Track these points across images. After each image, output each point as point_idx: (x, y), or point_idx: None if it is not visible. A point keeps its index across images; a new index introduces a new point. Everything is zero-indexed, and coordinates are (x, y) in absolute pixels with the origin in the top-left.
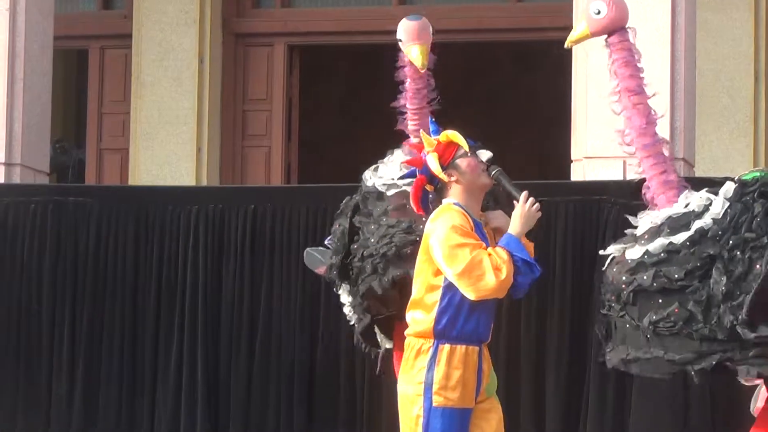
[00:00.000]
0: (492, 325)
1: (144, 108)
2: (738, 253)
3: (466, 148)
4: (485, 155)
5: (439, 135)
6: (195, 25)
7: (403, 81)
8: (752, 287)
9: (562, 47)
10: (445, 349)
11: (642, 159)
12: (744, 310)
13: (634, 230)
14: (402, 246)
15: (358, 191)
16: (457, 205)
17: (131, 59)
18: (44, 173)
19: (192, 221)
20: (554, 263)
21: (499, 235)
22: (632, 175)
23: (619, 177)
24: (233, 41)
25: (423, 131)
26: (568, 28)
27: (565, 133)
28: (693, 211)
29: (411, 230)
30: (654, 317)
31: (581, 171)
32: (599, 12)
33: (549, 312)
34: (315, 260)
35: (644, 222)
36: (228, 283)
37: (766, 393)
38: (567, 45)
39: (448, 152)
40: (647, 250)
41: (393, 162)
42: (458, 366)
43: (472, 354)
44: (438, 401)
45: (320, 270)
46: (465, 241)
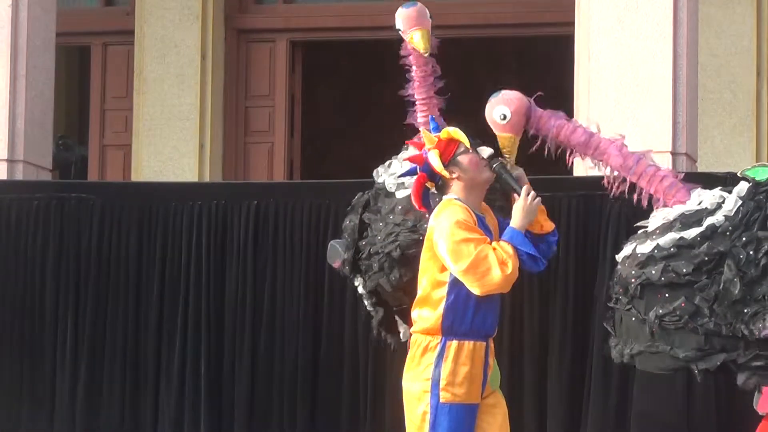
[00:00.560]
0: (498, 320)
1: (146, 104)
2: (751, 252)
3: (468, 145)
4: (486, 152)
5: (440, 132)
6: (197, 22)
7: (409, 69)
8: (766, 296)
9: (565, 42)
10: (453, 346)
11: (638, 182)
12: (762, 327)
13: (647, 226)
14: (406, 246)
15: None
16: (459, 201)
17: (134, 55)
18: (47, 170)
19: (195, 217)
20: (557, 258)
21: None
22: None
23: None
24: (236, 37)
25: (423, 129)
26: (571, 24)
27: None
28: (706, 209)
29: (415, 229)
30: (660, 311)
31: (584, 166)
32: (504, 117)
33: (551, 307)
34: (335, 253)
35: (657, 218)
36: (231, 280)
37: None
38: (503, 160)
39: (449, 149)
40: (658, 245)
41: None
42: (465, 362)
43: (479, 350)
44: (445, 397)
45: (336, 264)
46: (469, 236)
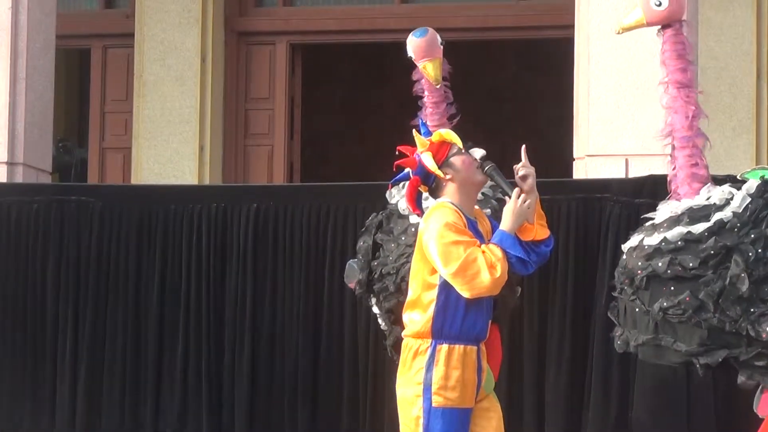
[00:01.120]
0: (489, 323)
1: (146, 107)
2: (760, 250)
3: (460, 146)
4: (478, 153)
5: (431, 135)
6: (197, 24)
7: (421, 95)
8: None
9: (565, 45)
10: (443, 349)
11: (677, 149)
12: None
13: (654, 219)
14: None
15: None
16: (451, 204)
17: (134, 58)
18: (47, 172)
19: (194, 220)
20: (556, 261)
21: None
22: (634, 173)
23: (621, 175)
24: (235, 40)
25: (415, 132)
26: (571, 27)
27: (568, 132)
28: (714, 204)
29: None
30: (665, 304)
31: (583, 169)
32: (660, 4)
33: (550, 309)
34: (352, 273)
35: (664, 211)
36: (231, 282)
37: None
38: (618, 31)
39: (442, 151)
40: (665, 238)
41: None
42: (457, 366)
43: (471, 353)
44: (438, 401)
45: (351, 284)
46: (459, 239)
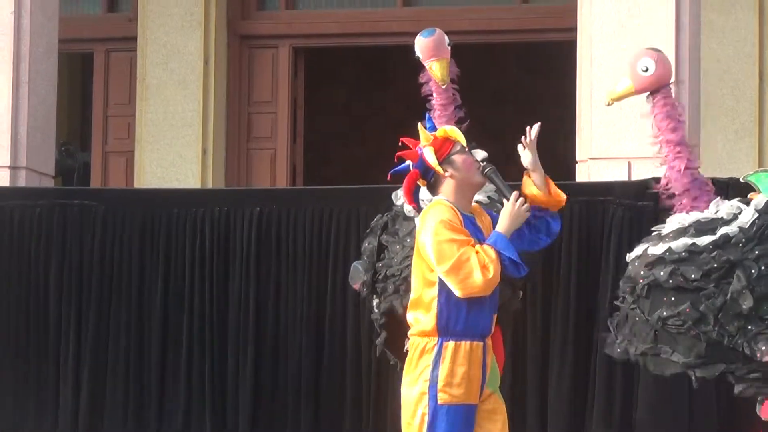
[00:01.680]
0: (494, 318)
1: (149, 110)
2: (763, 267)
3: (464, 143)
4: (480, 155)
5: (436, 131)
6: (200, 28)
7: (429, 97)
8: None
9: (567, 48)
10: (450, 346)
11: (686, 202)
12: (765, 350)
13: (661, 229)
14: None
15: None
16: (447, 201)
17: (136, 62)
18: (49, 176)
19: (198, 223)
20: (559, 263)
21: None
22: (637, 176)
23: (624, 178)
24: (238, 43)
25: (420, 126)
26: (573, 30)
27: (571, 134)
28: (722, 218)
29: None
30: (664, 313)
31: (586, 172)
32: (647, 69)
33: (553, 312)
34: (357, 275)
35: (672, 222)
36: (234, 285)
37: None
38: (608, 102)
39: (445, 147)
40: (669, 248)
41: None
42: (463, 363)
43: (477, 349)
44: (443, 398)
45: (356, 285)
46: (454, 237)
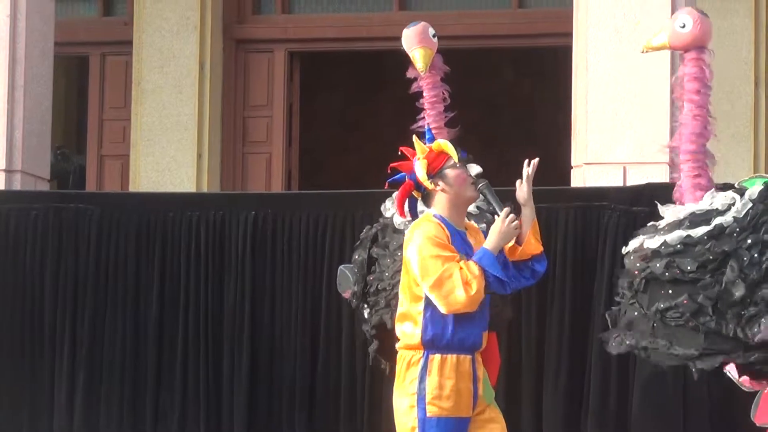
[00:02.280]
0: (484, 333)
1: (145, 114)
2: (756, 255)
3: (456, 159)
4: (475, 169)
5: (433, 143)
6: (196, 32)
7: (420, 95)
8: (765, 301)
9: (563, 53)
10: (436, 359)
11: (682, 162)
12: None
13: (658, 222)
14: None
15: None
16: (437, 217)
17: (132, 66)
18: (45, 180)
19: (193, 227)
20: (554, 269)
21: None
22: (632, 182)
23: (619, 183)
24: (234, 47)
25: (416, 138)
26: (569, 35)
27: (566, 140)
28: (716, 209)
29: None
30: (662, 305)
31: (581, 177)
32: (684, 26)
33: (548, 317)
34: (345, 282)
35: (668, 215)
36: (229, 289)
37: None
38: (643, 51)
39: (438, 161)
40: (665, 241)
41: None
42: (450, 375)
43: (464, 362)
44: (432, 411)
45: (346, 294)
46: (439, 253)
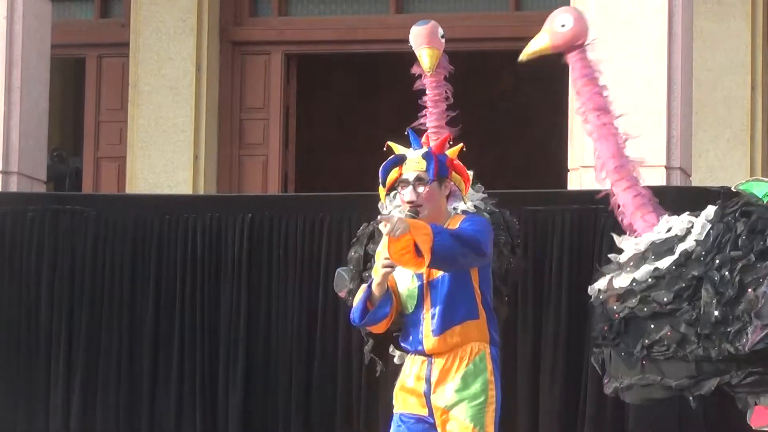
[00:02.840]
0: (435, 339)
1: (141, 116)
2: (726, 273)
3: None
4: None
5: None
6: (192, 34)
7: (424, 91)
8: (746, 313)
9: (560, 56)
10: (405, 357)
11: (614, 183)
12: (746, 342)
13: (618, 257)
14: None
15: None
16: None
17: (128, 68)
18: (41, 182)
19: (189, 229)
20: (551, 271)
21: None
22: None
23: None
24: (230, 50)
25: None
26: None
27: (563, 142)
28: (676, 236)
29: None
30: (647, 341)
31: (578, 180)
32: (564, 25)
33: (545, 320)
34: (342, 282)
35: (627, 248)
36: (225, 291)
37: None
38: (522, 58)
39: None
40: (634, 278)
41: None
42: (403, 374)
43: (415, 362)
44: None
45: (342, 293)
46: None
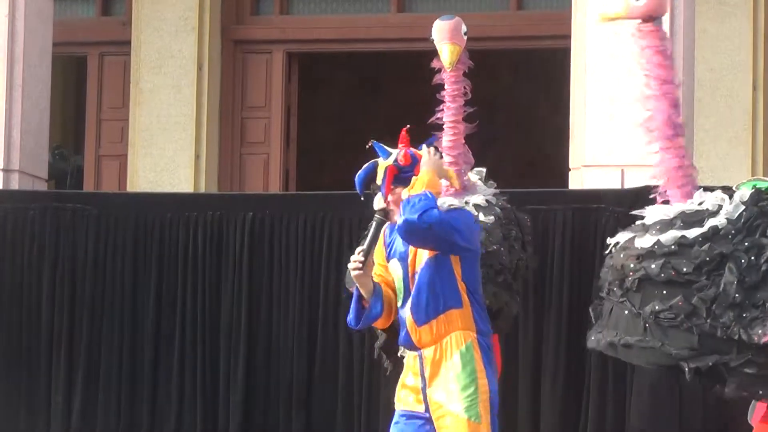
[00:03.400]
0: (411, 332)
1: (143, 114)
2: (753, 258)
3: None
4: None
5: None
6: (194, 32)
7: (442, 86)
8: (766, 303)
9: (562, 55)
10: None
11: (661, 149)
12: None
13: (644, 220)
14: None
15: None
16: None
17: (130, 66)
18: (43, 180)
19: (190, 228)
20: (552, 270)
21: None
22: (630, 184)
23: (617, 185)
24: (232, 48)
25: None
26: (568, 37)
27: (564, 142)
28: (707, 210)
29: None
30: (656, 307)
31: (579, 179)
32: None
33: (546, 319)
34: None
35: (654, 213)
36: (227, 289)
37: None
38: (600, 21)
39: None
40: (659, 240)
41: None
42: (404, 369)
43: (409, 358)
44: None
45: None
46: None
